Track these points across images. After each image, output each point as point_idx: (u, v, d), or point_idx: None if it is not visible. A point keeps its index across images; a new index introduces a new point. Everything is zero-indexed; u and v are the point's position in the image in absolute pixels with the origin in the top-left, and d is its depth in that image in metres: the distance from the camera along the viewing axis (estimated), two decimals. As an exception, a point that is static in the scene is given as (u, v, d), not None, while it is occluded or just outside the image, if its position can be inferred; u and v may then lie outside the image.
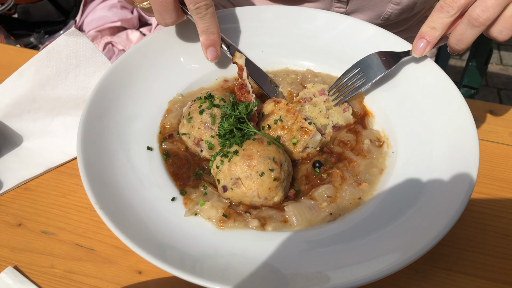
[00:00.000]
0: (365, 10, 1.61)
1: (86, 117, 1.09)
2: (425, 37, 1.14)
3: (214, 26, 1.20)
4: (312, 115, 1.23)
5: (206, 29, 1.20)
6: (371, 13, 1.62)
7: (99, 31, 2.84)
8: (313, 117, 1.23)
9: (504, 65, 4.39)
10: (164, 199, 1.05)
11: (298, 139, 1.14)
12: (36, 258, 1.10)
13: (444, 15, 1.09)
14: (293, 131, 1.14)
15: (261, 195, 1.03)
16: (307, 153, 1.15)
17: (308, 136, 1.13)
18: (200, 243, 0.96)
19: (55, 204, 1.21)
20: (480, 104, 1.52)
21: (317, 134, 1.14)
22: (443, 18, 1.10)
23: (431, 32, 1.13)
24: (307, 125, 1.14)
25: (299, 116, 1.15)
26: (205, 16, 1.17)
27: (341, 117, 1.23)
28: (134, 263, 1.09)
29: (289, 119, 1.15)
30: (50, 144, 1.32)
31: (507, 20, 1.04)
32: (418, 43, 1.16)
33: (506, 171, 1.30)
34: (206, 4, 1.16)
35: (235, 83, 1.34)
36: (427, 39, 1.14)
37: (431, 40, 1.13)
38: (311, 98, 1.27)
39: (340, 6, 1.61)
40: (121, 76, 1.22)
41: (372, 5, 1.58)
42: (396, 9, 1.58)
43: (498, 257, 1.11)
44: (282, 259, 0.94)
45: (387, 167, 1.13)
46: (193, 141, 1.16)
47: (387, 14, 1.61)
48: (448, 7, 1.08)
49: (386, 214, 1.01)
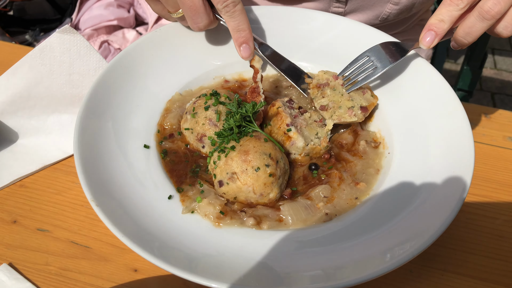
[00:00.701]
0: (363, 10, 1.62)
1: (83, 115, 1.09)
2: (433, 29, 1.12)
3: (244, 23, 1.21)
4: (335, 99, 1.21)
5: (237, 26, 1.20)
6: (370, 13, 1.63)
7: (95, 30, 2.83)
8: (337, 101, 1.21)
9: (498, 70, 4.42)
10: (161, 197, 1.05)
11: (282, 144, 1.14)
12: (31, 255, 1.09)
13: (453, 8, 1.09)
14: (278, 136, 1.15)
15: (256, 190, 1.03)
16: (292, 159, 1.15)
17: (289, 142, 1.14)
18: (197, 241, 0.96)
19: (50, 202, 1.20)
20: (474, 108, 1.53)
21: (298, 141, 1.13)
22: (452, 11, 1.09)
23: (440, 24, 1.11)
24: (287, 132, 1.13)
25: (283, 122, 1.15)
26: (234, 13, 1.18)
27: (363, 99, 1.22)
28: (130, 261, 1.09)
29: (275, 124, 1.16)
30: (46, 141, 1.32)
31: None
32: (426, 35, 1.14)
33: (500, 173, 1.31)
34: (233, 1, 1.16)
35: (235, 84, 1.34)
36: (435, 31, 1.12)
37: (439, 32, 1.12)
38: (328, 83, 1.24)
39: (339, 6, 1.62)
40: (119, 74, 1.21)
41: (371, 5, 1.59)
42: (395, 9, 1.58)
43: (492, 258, 1.12)
44: (276, 258, 0.94)
45: (383, 168, 1.14)
46: (196, 136, 1.16)
47: (385, 14, 1.61)
48: (458, 0, 1.07)
49: (381, 215, 1.02)
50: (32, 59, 1.26)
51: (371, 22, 1.66)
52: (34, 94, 1.30)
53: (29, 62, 1.26)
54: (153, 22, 2.82)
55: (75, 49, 1.29)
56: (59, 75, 1.30)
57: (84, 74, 1.32)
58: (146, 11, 2.92)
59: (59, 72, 1.29)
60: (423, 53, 1.94)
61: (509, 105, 4.07)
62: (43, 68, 1.27)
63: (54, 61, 1.28)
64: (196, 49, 1.34)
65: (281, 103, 1.19)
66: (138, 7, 2.96)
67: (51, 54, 1.27)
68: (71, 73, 1.31)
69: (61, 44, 1.28)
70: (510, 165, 1.34)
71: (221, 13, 1.18)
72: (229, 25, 1.20)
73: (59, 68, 1.29)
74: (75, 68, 1.31)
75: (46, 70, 1.28)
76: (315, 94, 1.24)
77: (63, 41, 1.27)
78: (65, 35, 1.27)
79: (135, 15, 2.98)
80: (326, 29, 1.38)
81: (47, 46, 1.27)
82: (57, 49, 1.28)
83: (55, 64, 1.29)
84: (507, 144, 1.41)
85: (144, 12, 2.94)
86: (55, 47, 1.27)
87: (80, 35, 1.29)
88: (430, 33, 1.13)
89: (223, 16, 1.19)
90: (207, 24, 1.19)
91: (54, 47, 1.27)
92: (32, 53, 1.26)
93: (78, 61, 1.31)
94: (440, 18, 1.11)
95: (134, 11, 2.99)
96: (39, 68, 1.27)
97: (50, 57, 1.28)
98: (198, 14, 1.16)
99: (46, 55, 1.27)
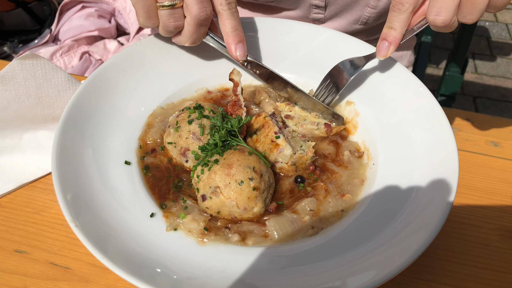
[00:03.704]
0: (343, 14, 1.63)
1: (61, 132, 1.06)
2: (386, 38, 1.14)
3: (240, 23, 1.20)
4: (302, 114, 1.26)
5: (235, 26, 1.19)
6: (349, 17, 1.64)
7: (75, 41, 2.79)
8: (303, 115, 1.25)
9: (479, 74, 4.49)
10: (143, 215, 1.02)
11: (267, 153, 1.13)
12: (8, 278, 1.05)
13: (398, 13, 1.10)
14: (264, 144, 1.14)
15: (240, 204, 1.02)
16: (278, 168, 1.14)
17: (277, 150, 1.12)
18: (180, 260, 0.94)
19: (28, 221, 1.17)
20: (457, 113, 1.54)
21: (287, 149, 1.12)
22: (397, 16, 1.10)
23: (391, 32, 1.13)
24: (275, 139, 1.13)
25: (271, 130, 1.14)
26: (236, 13, 1.18)
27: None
28: (112, 281, 1.06)
29: (262, 132, 1.15)
30: (23, 159, 1.28)
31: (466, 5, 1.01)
32: (381, 46, 1.15)
33: (484, 181, 1.32)
34: (235, 1, 1.17)
35: (218, 94, 1.33)
36: (388, 40, 1.14)
37: (393, 41, 1.13)
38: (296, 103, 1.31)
39: (319, 12, 1.62)
40: (97, 89, 1.19)
41: (350, 10, 1.60)
42: (374, 13, 1.59)
43: (478, 267, 1.12)
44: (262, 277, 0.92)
45: (368, 179, 1.13)
46: (179, 150, 1.14)
47: (365, 18, 1.62)
48: (399, 4, 1.08)
49: (368, 228, 1.01)
50: None
51: (352, 26, 1.67)
52: (3, 118, 1.25)
53: None
54: (135, 32, 2.79)
55: (41, 72, 1.24)
56: (27, 98, 1.25)
57: (54, 95, 1.28)
58: (127, 21, 2.89)
59: (26, 96, 1.24)
60: (405, 59, 1.95)
61: (490, 109, 4.14)
62: (8, 93, 1.23)
63: (19, 87, 1.23)
64: (176, 62, 1.32)
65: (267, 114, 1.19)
66: (119, 17, 2.93)
67: (14, 81, 1.22)
68: (40, 96, 1.26)
69: (23, 70, 1.23)
70: (493, 172, 1.35)
71: (223, 9, 1.16)
72: (227, 24, 1.18)
73: (25, 92, 1.24)
74: (43, 91, 1.26)
75: (12, 95, 1.23)
76: (283, 108, 1.29)
77: (25, 67, 1.22)
78: (26, 60, 1.23)
79: (116, 25, 2.94)
80: (308, 39, 1.38)
81: (8, 73, 1.21)
82: (20, 75, 1.23)
83: (21, 89, 1.24)
84: (490, 149, 1.42)
85: (125, 22, 2.91)
86: (17, 74, 1.22)
87: (43, 58, 1.24)
88: (383, 43, 1.15)
89: (224, 13, 1.16)
90: (211, 11, 1.14)
91: (16, 74, 1.22)
92: None
93: (46, 84, 1.26)
94: (389, 25, 1.13)
95: (115, 21, 2.95)
96: (3, 94, 1.22)
97: (14, 83, 1.23)
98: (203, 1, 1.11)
99: (9, 82, 1.22)
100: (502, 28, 5.02)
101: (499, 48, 4.80)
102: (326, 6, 1.59)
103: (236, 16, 1.18)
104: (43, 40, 2.85)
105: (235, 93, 1.19)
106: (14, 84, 1.23)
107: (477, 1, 0.99)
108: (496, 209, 1.25)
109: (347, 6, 1.59)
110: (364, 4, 1.57)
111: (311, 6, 1.61)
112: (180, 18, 1.14)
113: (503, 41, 4.88)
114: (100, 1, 2.86)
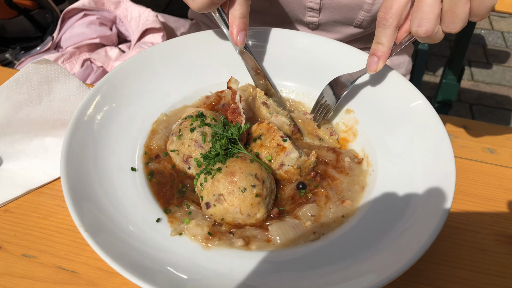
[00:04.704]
0: (337, 18, 1.67)
1: (70, 138, 1.09)
2: (375, 53, 1.16)
3: (248, 13, 1.22)
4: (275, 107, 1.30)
5: (245, 13, 1.20)
6: (344, 21, 1.67)
7: (77, 48, 2.82)
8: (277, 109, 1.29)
9: (475, 81, 4.54)
10: (149, 219, 1.05)
11: (273, 156, 1.16)
12: (17, 282, 1.08)
13: (383, 28, 1.12)
14: (270, 149, 1.17)
15: (243, 211, 1.04)
16: (284, 171, 1.17)
17: (284, 153, 1.15)
18: (186, 264, 0.96)
19: (36, 226, 1.19)
20: (454, 120, 1.57)
21: (293, 152, 1.15)
22: (383, 31, 1.13)
23: (378, 47, 1.15)
24: (283, 142, 1.16)
25: (277, 134, 1.17)
26: (248, 1, 1.20)
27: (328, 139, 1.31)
28: (118, 285, 1.08)
29: (267, 137, 1.18)
30: (30, 165, 1.31)
31: (447, 16, 1.03)
32: (370, 61, 1.18)
33: (480, 187, 1.35)
34: None
35: (216, 98, 1.36)
36: (377, 55, 1.16)
37: (381, 55, 1.16)
38: None
39: (313, 16, 1.66)
40: (104, 97, 1.22)
41: (344, 13, 1.64)
42: (368, 16, 1.63)
43: (475, 272, 1.15)
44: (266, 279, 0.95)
45: (368, 185, 1.16)
46: (181, 158, 1.16)
47: (359, 21, 1.66)
48: (382, 20, 1.11)
49: (368, 233, 1.03)
50: (8, 89, 1.24)
51: (347, 29, 1.71)
52: (14, 122, 1.28)
53: (6, 92, 1.24)
54: (136, 40, 2.82)
55: (54, 77, 1.28)
56: (39, 103, 1.28)
57: (65, 100, 1.31)
58: (128, 29, 2.92)
59: (38, 100, 1.28)
60: (403, 67, 1.98)
61: (486, 116, 4.18)
62: (21, 97, 1.26)
63: (32, 90, 1.27)
64: (180, 70, 1.35)
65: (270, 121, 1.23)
66: (121, 25, 2.96)
67: (28, 84, 1.26)
68: (51, 100, 1.30)
69: (37, 74, 1.27)
70: (489, 179, 1.38)
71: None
72: (237, 9, 1.19)
73: (37, 96, 1.28)
74: (55, 95, 1.30)
75: (25, 98, 1.26)
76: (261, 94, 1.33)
77: (39, 71, 1.26)
78: (41, 65, 1.27)
79: (117, 33, 2.98)
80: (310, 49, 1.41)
81: (22, 76, 1.25)
82: (34, 78, 1.27)
83: (33, 93, 1.27)
84: (486, 156, 1.45)
85: (126, 30, 2.94)
86: (31, 77, 1.26)
87: (57, 64, 1.29)
88: (372, 59, 1.17)
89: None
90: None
91: (30, 76, 1.26)
92: (7, 83, 1.24)
93: (58, 88, 1.30)
94: (377, 41, 1.15)
95: (117, 28, 2.98)
96: (16, 97, 1.25)
97: (27, 86, 1.26)
98: None
99: (23, 85, 1.25)
100: (497, 36, 5.07)
101: (495, 55, 4.85)
102: (321, 9, 1.63)
103: (248, 5, 1.20)
104: (45, 47, 2.88)
105: (233, 100, 1.22)
106: (27, 88, 1.26)
107: (457, 11, 1.01)
108: (492, 214, 1.28)
109: (341, 10, 1.62)
110: (358, 8, 1.61)
111: (306, 9, 1.64)
112: None
113: (499, 48, 4.93)
114: (101, 9, 2.90)
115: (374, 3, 1.56)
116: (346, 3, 1.58)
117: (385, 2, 1.11)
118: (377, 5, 1.57)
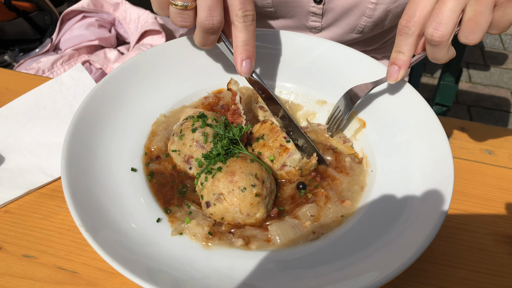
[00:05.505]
0: (339, 23, 1.67)
1: (70, 139, 1.09)
2: (396, 62, 1.15)
3: (253, 39, 1.15)
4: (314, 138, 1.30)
5: (246, 40, 1.14)
6: (346, 27, 1.68)
7: (76, 50, 2.82)
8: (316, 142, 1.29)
9: (473, 83, 4.55)
10: (150, 219, 1.05)
11: (276, 156, 1.17)
12: (17, 282, 1.08)
13: (404, 37, 1.10)
14: (272, 149, 1.17)
15: (243, 210, 1.05)
16: (286, 172, 1.18)
17: (286, 154, 1.16)
18: (187, 264, 0.97)
19: (36, 227, 1.19)
20: (452, 122, 1.58)
21: (295, 153, 1.16)
22: (404, 40, 1.11)
23: (399, 56, 1.14)
24: (286, 143, 1.16)
25: (280, 135, 1.18)
26: (250, 26, 1.13)
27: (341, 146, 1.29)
28: (118, 285, 1.08)
29: (270, 137, 1.19)
30: (31, 166, 1.31)
31: (468, 25, 1.01)
32: (390, 70, 1.16)
33: (478, 187, 1.36)
34: (253, 14, 1.12)
35: (214, 99, 1.36)
36: (398, 64, 1.15)
37: (402, 64, 1.14)
38: None
39: (316, 20, 1.66)
40: (104, 98, 1.22)
41: (346, 18, 1.64)
42: (369, 22, 1.63)
43: (473, 271, 1.16)
44: (266, 279, 0.95)
45: (367, 185, 1.17)
46: (183, 158, 1.17)
47: (361, 27, 1.66)
48: (404, 28, 1.09)
49: (367, 232, 1.04)
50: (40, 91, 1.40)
51: (349, 35, 1.72)
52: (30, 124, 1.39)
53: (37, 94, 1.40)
54: (135, 42, 2.83)
55: (82, 85, 1.42)
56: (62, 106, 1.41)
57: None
58: (127, 31, 2.92)
59: (61, 104, 1.41)
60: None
61: (484, 117, 4.19)
62: (48, 100, 1.40)
63: (59, 95, 1.41)
64: (180, 72, 1.36)
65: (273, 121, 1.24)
66: (119, 27, 2.97)
67: (59, 88, 1.41)
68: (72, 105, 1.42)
69: (70, 81, 1.42)
70: (488, 179, 1.38)
71: (238, 21, 1.11)
72: (239, 37, 1.14)
73: (63, 100, 1.41)
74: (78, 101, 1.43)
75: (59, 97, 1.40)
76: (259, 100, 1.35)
77: (72, 78, 1.41)
78: (75, 73, 1.41)
79: (116, 35, 2.98)
80: (309, 51, 1.41)
81: (57, 82, 1.40)
82: (66, 85, 1.42)
83: (59, 98, 1.41)
84: (484, 157, 1.46)
85: (125, 32, 2.95)
86: (64, 83, 1.42)
87: (87, 73, 1.44)
88: (393, 68, 1.16)
89: (238, 25, 1.12)
90: (220, 21, 1.10)
91: (63, 83, 1.41)
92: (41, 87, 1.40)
93: (82, 96, 1.42)
94: (398, 50, 1.13)
95: (115, 30, 2.99)
96: (56, 94, 1.41)
97: (56, 91, 1.40)
98: (216, 7, 1.08)
99: (54, 89, 1.41)
100: (495, 38, 5.10)
101: (493, 57, 4.87)
102: (323, 14, 1.64)
103: (250, 30, 1.13)
104: (44, 49, 2.88)
105: (234, 102, 1.22)
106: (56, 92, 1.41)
107: (480, 21, 0.98)
108: (490, 215, 1.29)
109: (344, 15, 1.63)
110: (360, 14, 1.62)
111: (309, 14, 1.65)
112: (189, 19, 1.12)
113: (496, 51, 4.96)
114: (100, 11, 2.90)
115: (376, 9, 1.57)
116: (348, 6, 1.59)
117: (407, 10, 1.08)
118: (378, 10, 1.58)
